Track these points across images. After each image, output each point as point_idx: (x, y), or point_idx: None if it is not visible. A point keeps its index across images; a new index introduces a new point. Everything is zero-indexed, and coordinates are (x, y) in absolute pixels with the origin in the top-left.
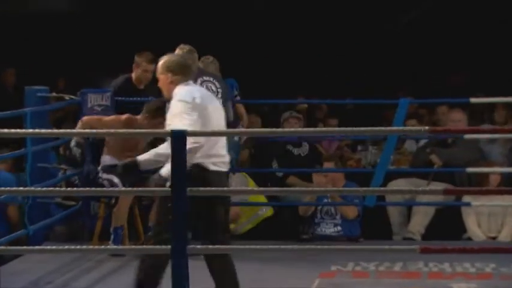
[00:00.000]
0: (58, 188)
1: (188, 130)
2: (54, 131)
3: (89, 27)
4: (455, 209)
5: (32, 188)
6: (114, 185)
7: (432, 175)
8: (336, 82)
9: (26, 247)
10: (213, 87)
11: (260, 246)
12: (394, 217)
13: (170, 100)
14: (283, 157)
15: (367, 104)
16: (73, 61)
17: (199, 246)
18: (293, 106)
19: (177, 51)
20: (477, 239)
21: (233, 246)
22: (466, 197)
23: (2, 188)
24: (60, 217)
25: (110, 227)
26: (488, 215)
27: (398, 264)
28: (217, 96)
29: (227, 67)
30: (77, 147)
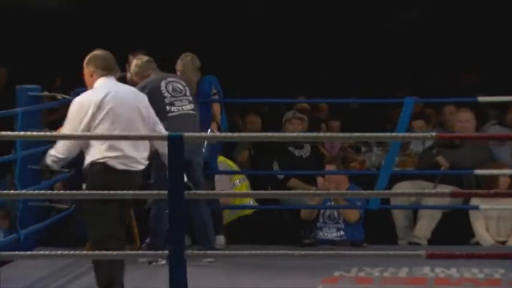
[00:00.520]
0: (50, 191)
1: (185, 135)
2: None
3: (86, 24)
4: (462, 213)
5: (23, 192)
6: None
7: (439, 177)
8: (336, 82)
9: (17, 252)
10: (180, 86)
11: (260, 251)
12: (399, 221)
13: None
14: (284, 159)
15: (370, 104)
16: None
17: (196, 251)
18: (294, 106)
19: (135, 61)
20: (485, 244)
21: (232, 251)
22: (474, 200)
23: None
24: (52, 221)
25: None
26: (497, 219)
27: (403, 269)
28: (185, 94)
29: (227, 67)
30: None
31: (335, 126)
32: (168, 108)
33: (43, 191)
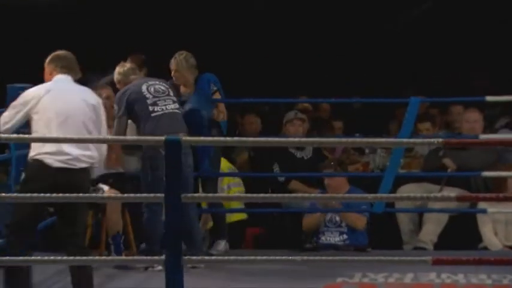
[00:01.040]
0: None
1: (183, 139)
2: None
3: (78, 20)
4: (470, 217)
5: (14, 194)
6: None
7: (445, 180)
8: (336, 82)
9: (8, 257)
10: (162, 87)
11: (260, 257)
12: (405, 225)
13: None
14: (285, 160)
15: (373, 104)
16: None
17: (194, 257)
18: (295, 106)
19: (118, 69)
20: (494, 249)
21: (232, 257)
22: (482, 204)
23: None
24: (45, 225)
25: (99, 236)
26: (505, 223)
27: (408, 275)
28: (168, 95)
29: (227, 67)
30: None
31: (337, 127)
32: (151, 108)
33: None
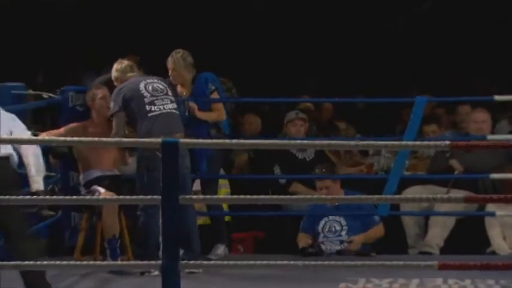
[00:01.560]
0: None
1: (181, 141)
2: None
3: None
4: (478, 220)
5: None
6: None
7: (452, 182)
8: (336, 82)
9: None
10: (160, 86)
11: (260, 261)
12: (410, 228)
13: None
14: (286, 162)
15: (377, 104)
16: (52, 54)
17: (192, 261)
18: (297, 106)
19: (115, 65)
20: (502, 253)
21: (231, 261)
22: (490, 206)
23: None
24: (37, 229)
25: (94, 240)
26: None
27: (414, 281)
28: (166, 94)
29: (227, 67)
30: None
31: (341, 128)
32: (148, 107)
33: (28, 197)
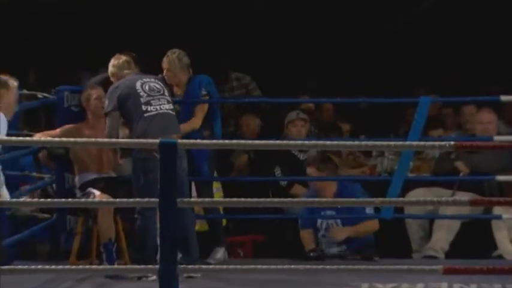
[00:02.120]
0: (29, 199)
1: (179, 142)
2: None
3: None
4: (484, 223)
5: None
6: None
7: (457, 184)
8: (336, 82)
9: None
10: (157, 85)
11: (261, 265)
12: (414, 232)
13: None
14: (287, 163)
15: (380, 104)
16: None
17: (190, 266)
18: (298, 106)
19: (112, 61)
20: (509, 257)
21: (230, 266)
22: (497, 209)
23: None
24: (32, 232)
25: (89, 244)
26: None
27: (418, 285)
28: (162, 94)
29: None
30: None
31: (344, 129)
32: (144, 107)
33: (22, 199)
